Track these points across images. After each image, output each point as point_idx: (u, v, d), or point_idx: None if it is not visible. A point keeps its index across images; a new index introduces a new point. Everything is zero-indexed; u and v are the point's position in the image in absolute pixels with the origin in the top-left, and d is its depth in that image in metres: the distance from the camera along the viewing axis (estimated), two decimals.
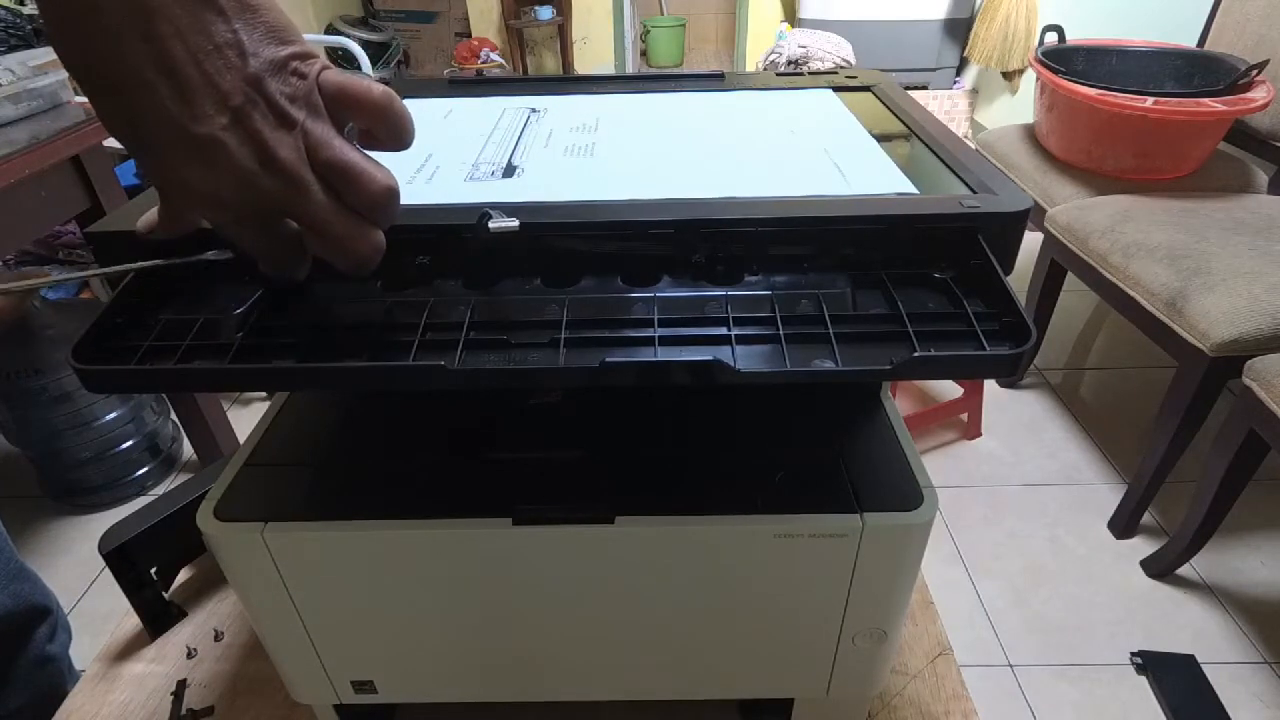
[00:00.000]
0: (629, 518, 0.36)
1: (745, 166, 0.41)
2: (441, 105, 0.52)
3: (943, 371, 0.30)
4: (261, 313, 0.33)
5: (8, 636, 0.74)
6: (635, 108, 0.51)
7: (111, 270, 0.32)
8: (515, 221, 0.32)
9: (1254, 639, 1.20)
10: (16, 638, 0.76)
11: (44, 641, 0.78)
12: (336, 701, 0.45)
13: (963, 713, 0.49)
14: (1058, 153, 1.55)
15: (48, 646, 0.79)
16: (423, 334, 0.31)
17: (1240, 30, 1.51)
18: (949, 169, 0.39)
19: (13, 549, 0.76)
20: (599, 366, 0.29)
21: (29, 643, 0.77)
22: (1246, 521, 1.37)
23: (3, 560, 0.75)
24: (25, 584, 0.77)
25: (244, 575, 0.39)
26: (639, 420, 0.43)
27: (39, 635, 0.78)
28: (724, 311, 0.32)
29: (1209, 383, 1.13)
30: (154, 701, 0.52)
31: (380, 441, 0.42)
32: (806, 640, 0.41)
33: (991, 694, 1.14)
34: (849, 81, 0.55)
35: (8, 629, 0.74)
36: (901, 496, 0.37)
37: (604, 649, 0.43)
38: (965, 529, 1.42)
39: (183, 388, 0.54)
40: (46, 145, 0.98)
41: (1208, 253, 1.18)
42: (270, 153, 0.26)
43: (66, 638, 0.83)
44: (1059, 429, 1.65)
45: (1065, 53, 1.57)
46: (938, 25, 2.83)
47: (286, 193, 0.27)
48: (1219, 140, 1.44)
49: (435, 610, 0.40)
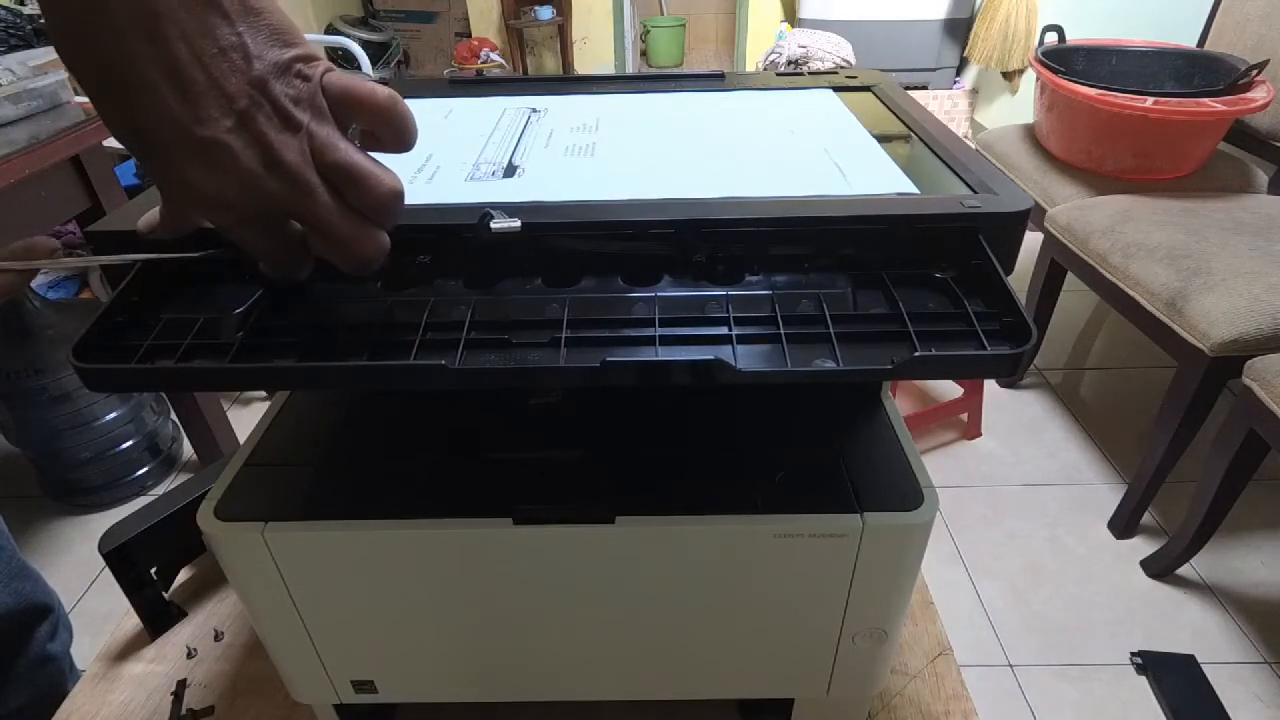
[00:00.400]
0: (629, 518, 0.36)
1: (746, 166, 0.41)
2: (442, 105, 0.52)
3: (943, 371, 0.30)
4: (262, 312, 0.33)
5: (8, 635, 0.74)
6: (635, 108, 0.51)
7: (114, 259, 0.32)
8: (517, 221, 0.32)
9: (1254, 639, 1.20)
10: (17, 636, 0.75)
11: (45, 640, 0.78)
12: (336, 701, 0.45)
13: (963, 713, 0.49)
14: (1058, 153, 1.55)
15: (49, 645, 0.79)
16: (423, 333, 0.31)
17: (1240, 30, 1.51)
18: (949, 169, 0.39)
19: (14, 547, 0.76)
20: (600, 366, 0.29)
21: (30, 641, 0.77)
22: (1246, 521, 1.37)
23: (4, 558, 0.75)
24: (26, 582, 0.77)
25: (244, 575, 0.39)
26: (639, 420, 0.43)
27: (40, 634, 0.78)
28: (725, 311, 0.32)
29: (1209, 383, 1.13)
30: (154, 701, 0.52)
31: (380, 441, 0.42)
32: (806, 640, 0.41)
33: (991, 694, 1.14)
34: (849, 81, 0.55)
35: (9, 627, 0.74)
36: (902, 496, 0.37)
37: (604, 649, 0.43)
38: (965, 529, 1.42)
39: (183, 387, 0.54)
40: (46, 145, 0.98)
41: (1208, 253, 1.18)
42: (275, 155, 0.26)
43: (68, 636, 0.83)
44: (1059, 429, 1.65)
45: (1065, 53, 1.57)
46: (938, 25, 2.83)
47: (291, 195, 0.27)
48: (1219, 140, 1.44)
49: (435, 610, 0.40)
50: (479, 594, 0.40)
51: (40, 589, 0.79)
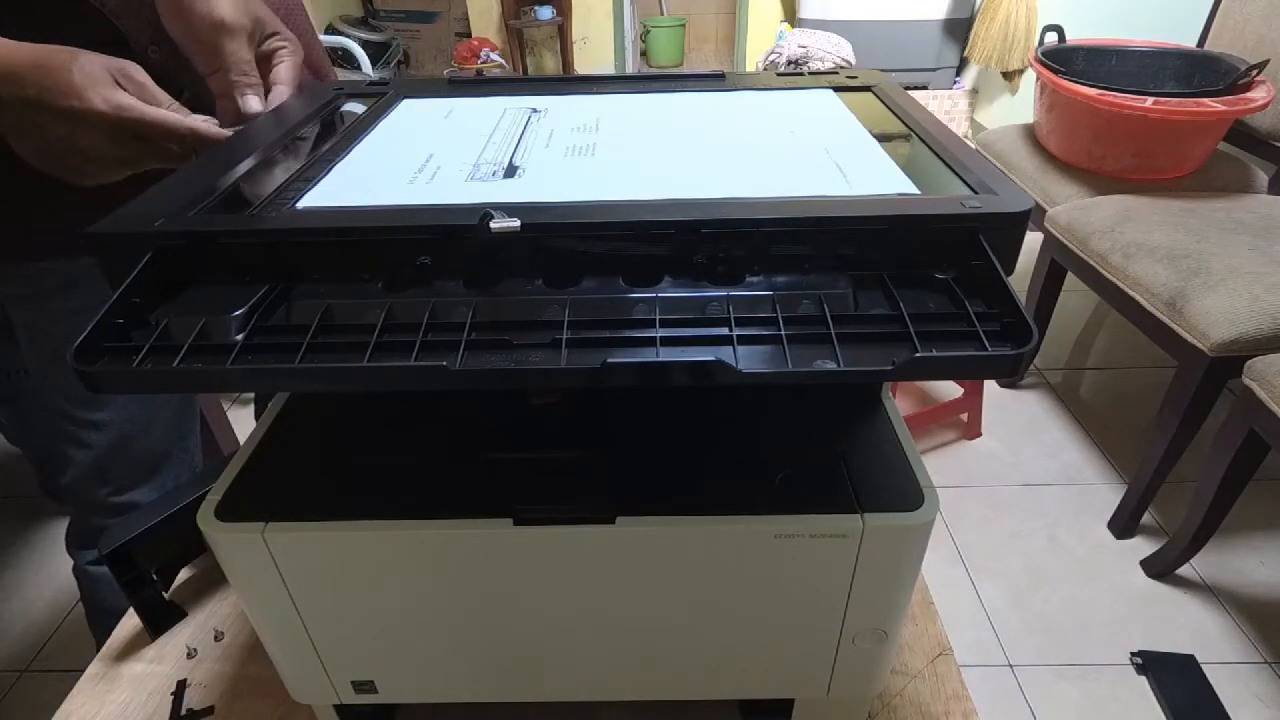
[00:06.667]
0: (629, 518, 0.36)
1: (746, 167, 0.41)
2: (442, 105, 0.52)
3: (944, 372, 0.30)
4: (262, 313, 0.33)
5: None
6: (636, 108, 0.51)
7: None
8: (516, 222, 0.32)
9: (1254, 639, 1.20)
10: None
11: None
12: (336, 701, 0.45)
13: (963, 713, 0.49)
14: (1058, 153, 1.55)
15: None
16: (424, 334, 0.31)
17: (1240, 30, 1.51)
18: (949, 169, 0.39)
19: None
20: (600, 367, 0.29)
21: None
22: (1246, 521, 1.37)
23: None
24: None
25: (244, 575, 0.39)
26: (640, 420, 0.43)
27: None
28: (725, 312, 0.32)
29: (1209, 383, 1.13)
30: (154, 701, 0.52)
31: (381, 442, 0.42)
32: (807, 640, 0.41)
33: (991, 694, 1.14)
34: (849, 81, 0.55)
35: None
36: (902, 496, 0.37)
37: (604, 649, 0.43)
38: (965, 529, 1.42)
39: (184, 388, 0.54)
40: None
41: (1208, 253, 1.18)
42: (120, 144, 0.45)
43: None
44: (1059, 429, 1.65)
45: (1065, 53, 1.57)
46: (938, 25, 2.83)
47: (148, 145, 0.46)
48: (1219, 140, 1.44)
49: (436, 610, 0.40)
50: (479, 594, 0.40)
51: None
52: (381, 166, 0.42)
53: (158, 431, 0.77)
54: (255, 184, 0.39)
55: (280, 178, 0.40)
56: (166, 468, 0.78)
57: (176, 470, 0.79)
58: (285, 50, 0.51)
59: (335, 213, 0.36)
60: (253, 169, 0.41)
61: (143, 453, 0.76)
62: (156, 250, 0.33)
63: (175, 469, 0.79)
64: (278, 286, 0.34)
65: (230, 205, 0.37)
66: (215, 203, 0.37)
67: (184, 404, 0.80)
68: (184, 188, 0.38)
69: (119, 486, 0.76)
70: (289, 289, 0.34)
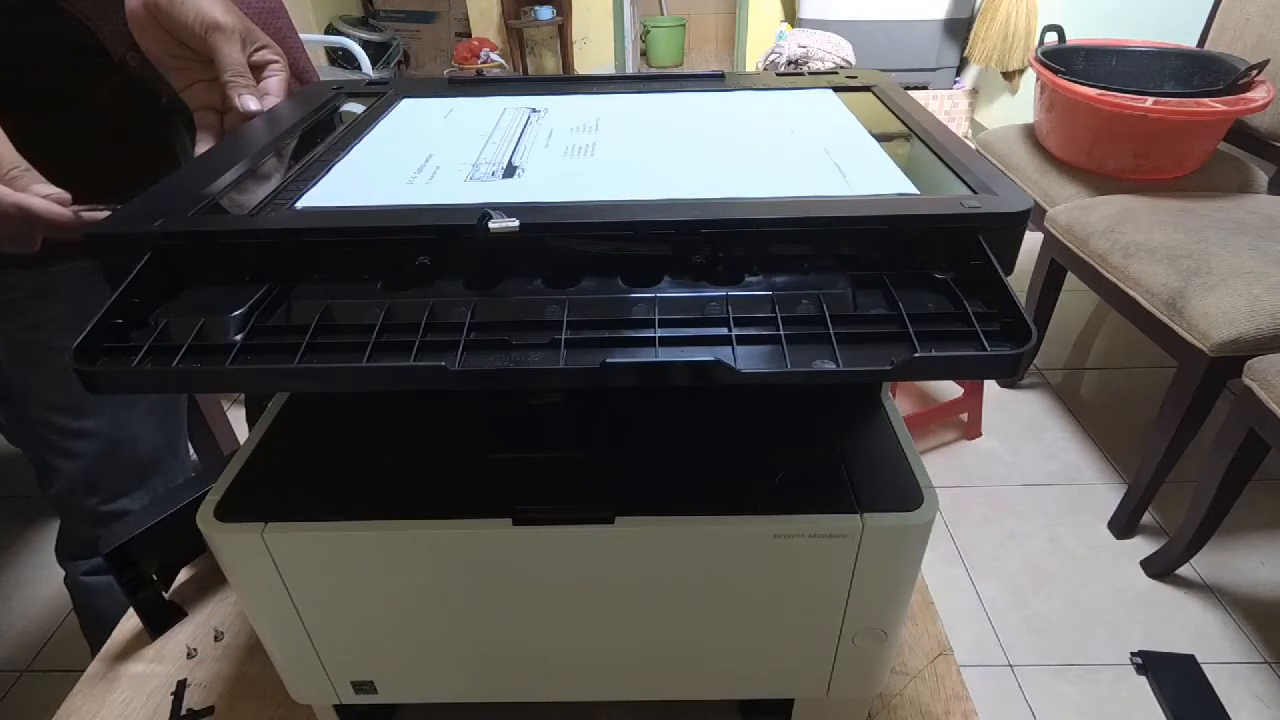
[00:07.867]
0: (629, 518, 0.36)
1: (745, 167, 0.41)
2: (442, 105, 0.52)
3: (944, 372, 0.30)
4: (261, 313, 0.33)
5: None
6: (635, 108, 0.51)
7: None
8: (515, 222, 0.32)
9: (1254, 639, 1.20)
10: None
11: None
12: (336, 702, 0.45)
13: (963, 713, 0.49)
14: (1058, 153, 1.55)
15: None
16: (423, 334, 0.31)
17: (1240, 30, 1.51)
18: (949, 169, 0.39)
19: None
20: (600, 367, 0.29)
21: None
22: (1246, 521, 1.37)
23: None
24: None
25: (244, 575, 0.39)
26: (639, 420, 0.43)
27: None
28: (724, 312, 0.32)
29: (1209, 383, 1.13)
30: (154, 701, 0.52)
31: (380, 442, 0.42)
32: (807, 640, 0.41)
33: (991, 694, 1.14)
34: (849, 81, 0.55)
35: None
36: (902, 496, 0.37)
37: (604, 649, 0.43)
38: (965, 529, 1.42)
39: (183, 388, 0.54)
40: None
41: (1208, 253, 1.18)
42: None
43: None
44: (1059, 429, 1.65)
45: (1065, 53, 1.56)
46: (938, 25, 2.83)
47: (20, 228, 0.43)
48: (1219, 140, 1.44)
49: (435, 610, 0.40)
50: (479, 594, 0.40)
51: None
52: (381, 166, 0.42)
53: (145, 438, 0.76)
54: (254, 184, 0.39)
55: (279, 178, 0.40)
56: (156, 475, 0.78)
57: (166, 477, 0.78)
58: (276, 65, 0.51)
59: (334, 213, 0.36)
60: (252, 169, 0.41)
61: (131, 460, 0.76)
62: (156, 250, 0.33)
63: (164, 475, 0.78)
64: (277, 286, 0.34)
65: (229, 205, 0.37)
66: (214, 203, 0.37)
67: (168, 409, 0.79)
68: (184, 188, 0.38)
69: (108, 495, 0.75)
70: (288, 289, 0.34)
